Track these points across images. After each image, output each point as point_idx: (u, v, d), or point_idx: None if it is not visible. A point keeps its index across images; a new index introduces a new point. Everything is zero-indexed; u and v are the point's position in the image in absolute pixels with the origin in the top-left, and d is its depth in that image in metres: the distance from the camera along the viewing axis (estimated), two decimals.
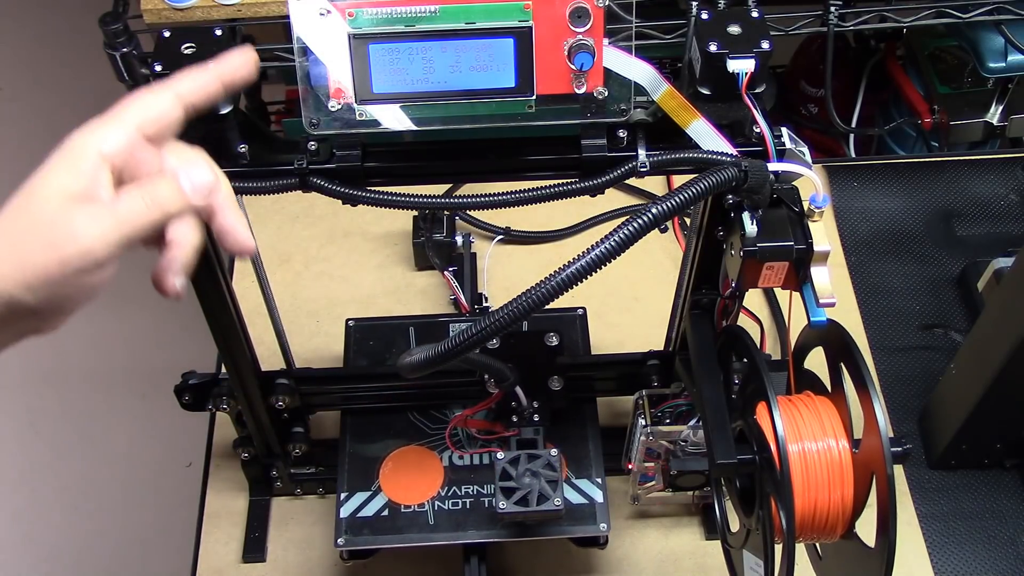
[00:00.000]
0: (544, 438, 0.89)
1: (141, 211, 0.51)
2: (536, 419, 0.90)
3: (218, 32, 0.65)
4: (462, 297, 1.10)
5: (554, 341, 0.88)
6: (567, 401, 0.91)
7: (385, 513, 0.88)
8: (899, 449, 0.63)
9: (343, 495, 0.89)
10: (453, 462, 0.91)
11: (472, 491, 0.90)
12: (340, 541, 0.87)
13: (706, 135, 0.64)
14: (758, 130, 0.65)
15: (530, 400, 0.89)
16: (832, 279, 0.64)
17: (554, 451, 0.85)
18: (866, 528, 0.65)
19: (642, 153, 0.66)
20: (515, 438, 0.90)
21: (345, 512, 0.88)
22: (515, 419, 0.90)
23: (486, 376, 0.87)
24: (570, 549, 0.95)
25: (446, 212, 1.15)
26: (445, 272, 1.12)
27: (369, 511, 0.89)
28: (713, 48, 0.62)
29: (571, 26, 0.60)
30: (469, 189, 0.68)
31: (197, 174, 0.53)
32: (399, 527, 0.88)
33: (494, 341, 0.85)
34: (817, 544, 0.73)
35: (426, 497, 0.89)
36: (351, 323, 1.01)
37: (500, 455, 0.85)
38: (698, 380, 0.74)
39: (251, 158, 0.66)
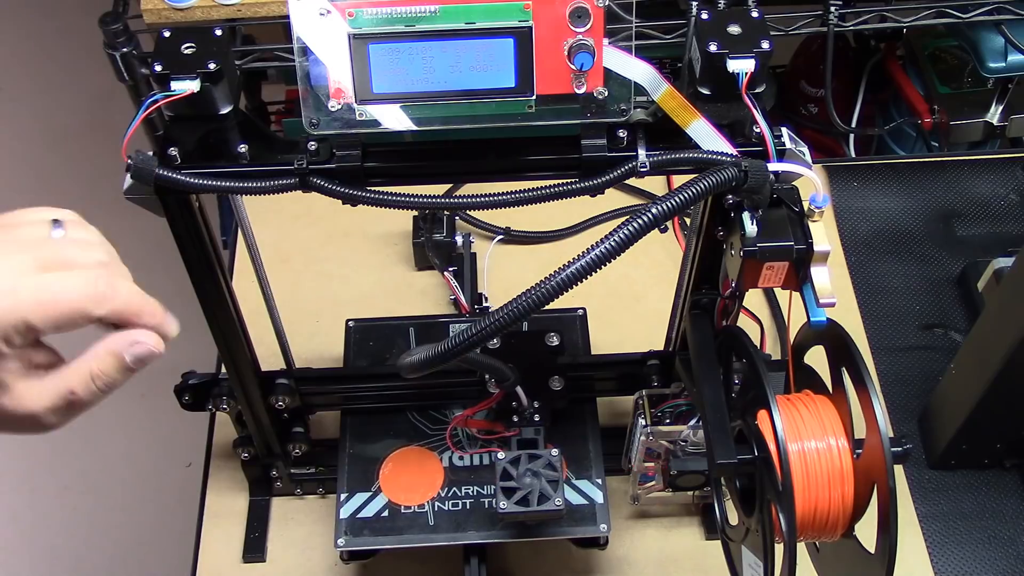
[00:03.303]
0: (544, 438, 0.89)
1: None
2: (537, 419, 0.90)
3: (218, 32, 0.65)
4: (462, 297, 1.10)
5: (555, 341, 0.88)
6: (567, 401, 0.91)
7: (385, 514, 0.88)
8: (899, 449, 0.63)
9: (343, 496, 0.89)
10: (453, 463, 0.91)
11: (472, 492, 0.89)
12: (340, 542, 0.87)
13: (706, 135, 0.64)
14: (758, 130, 0.65)
15: (531, 400, 0.89)
16: (832, 279, 0.64)
17: (555, 451, 0.85)
18: (866, 529, 0.65)
19: (642, 153, 0.66)
20: (516, 438, 0.89)
21: (345, 513, 0.88)
22: (516, 419, 0.90)
23: (487, 376, 0.87)
24: (570, 550, 0.95)
25: (446, 212, 1.15)
26: (445, 272, 1.12)
27: (369, 512, 0.88)
28: (713, 48, 0.62)
29: (571, 26, 0.60)
30: (469, 189, 0.68)
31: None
32: (399, 528, 0.88)
33: (495, 341, 0.85)
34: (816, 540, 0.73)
35: (426, 498, 0.89)
36: (351, 324, 1.01)
37: (501, 455, 0.85)
38: (698, 380, 0.74)
39: (251, 158, 0.66)
